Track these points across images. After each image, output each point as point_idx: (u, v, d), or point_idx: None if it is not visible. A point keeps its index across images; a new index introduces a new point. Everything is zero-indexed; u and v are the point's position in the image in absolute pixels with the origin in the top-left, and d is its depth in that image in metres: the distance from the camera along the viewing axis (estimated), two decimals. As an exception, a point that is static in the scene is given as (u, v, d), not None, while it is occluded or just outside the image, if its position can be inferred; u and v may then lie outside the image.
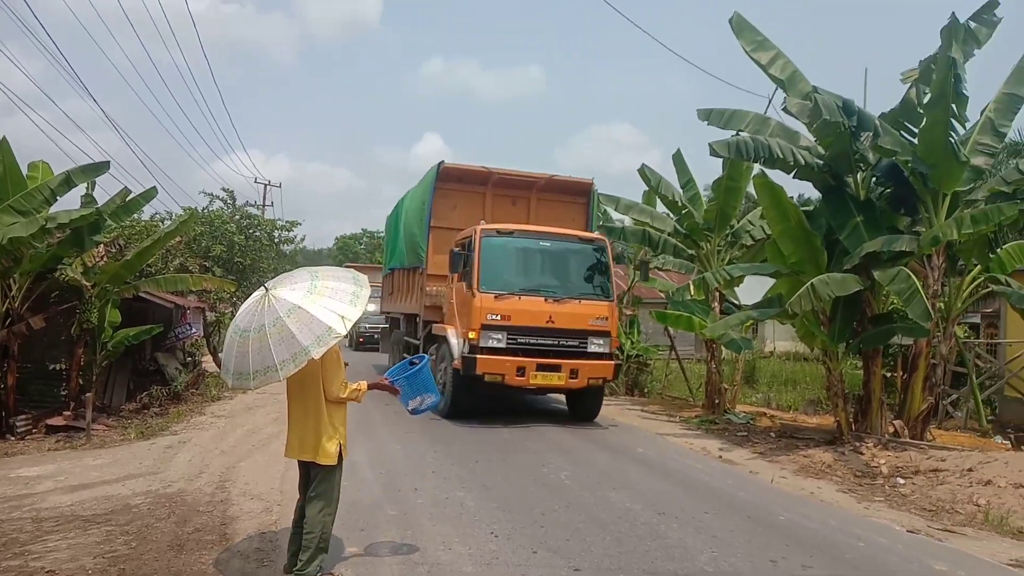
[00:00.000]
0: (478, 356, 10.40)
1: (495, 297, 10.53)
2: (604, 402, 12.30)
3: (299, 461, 4.72)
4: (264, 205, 37.71)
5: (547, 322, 10.62)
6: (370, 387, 4.81)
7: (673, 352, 18.09)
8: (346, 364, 5.18)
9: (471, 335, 10.46)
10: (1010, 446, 10.73)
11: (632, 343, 17.55)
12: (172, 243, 15.06)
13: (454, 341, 11.01)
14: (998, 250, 10.40)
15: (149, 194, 11.82)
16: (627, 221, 16.96)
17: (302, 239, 39.84)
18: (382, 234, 57.06)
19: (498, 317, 10.46)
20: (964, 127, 10.03)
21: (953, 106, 9.36)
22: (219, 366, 15.94)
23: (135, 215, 13.37)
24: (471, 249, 10.90)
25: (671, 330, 16.54)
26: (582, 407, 12.01)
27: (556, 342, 10.68)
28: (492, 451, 8.96)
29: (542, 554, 5.29)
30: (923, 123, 9.89)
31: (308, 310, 4.22)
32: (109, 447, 8.97)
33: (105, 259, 12.23)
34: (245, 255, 25.26)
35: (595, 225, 13.79)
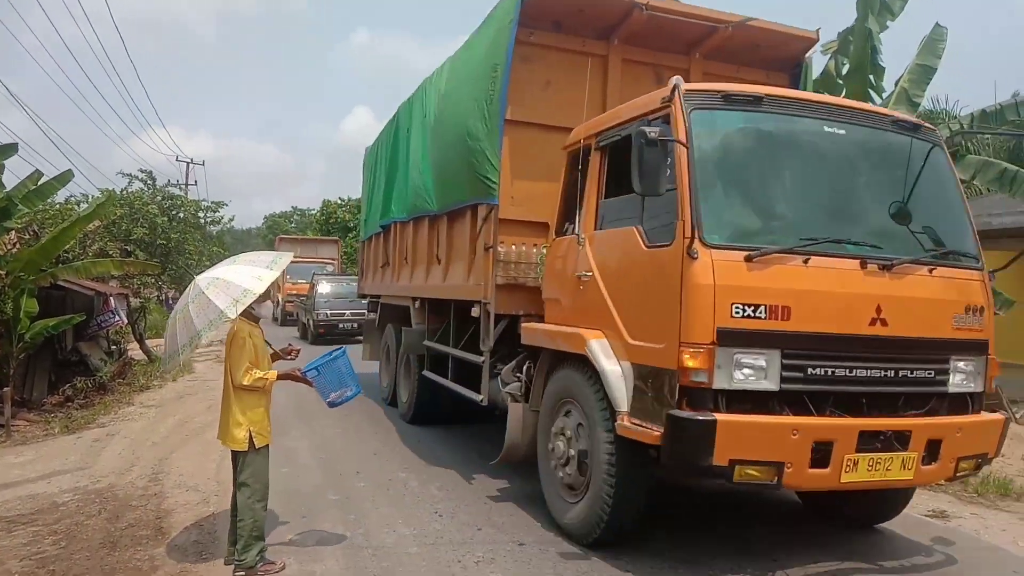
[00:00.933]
0: (718, 416, 4.11)
1: (747, 261, 4.28)
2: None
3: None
4: (187, 184, 36.41)
5: (872, 322, 4.42)
6: (280, 377, 4.74)
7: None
8: (286, 350, 5.07)
9: (688, 359, 4.19)
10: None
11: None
12: (90, 227, 14.37)
13: (612, 368, 4.76)
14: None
15: (64, 177, 11.24)
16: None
17: (231, 219, 38.73)
18: (313, 211, 55.74)
19: (761, 312, 4.23)
20: (881, 97, 10.41)
21: (871, 77, 9.71)
22: (147, 354, 15.51)
23: (49, 199, 12.72)
24: (663, 147, 4.33)
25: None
26: (870, 499, 5.45)
27: (890, 372, 4.49)
28: (435, 430, 8.94)
29: (486, 531, 5.34)
30: (842, 94, 10.22)
31: (225, 278, 4.52)
32: (31, 443, 8.58)
33: (18, 246, 11.60)
34: (169, 237, 24.31)
35: None
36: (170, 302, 25.48)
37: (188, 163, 38.91)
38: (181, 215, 26.36)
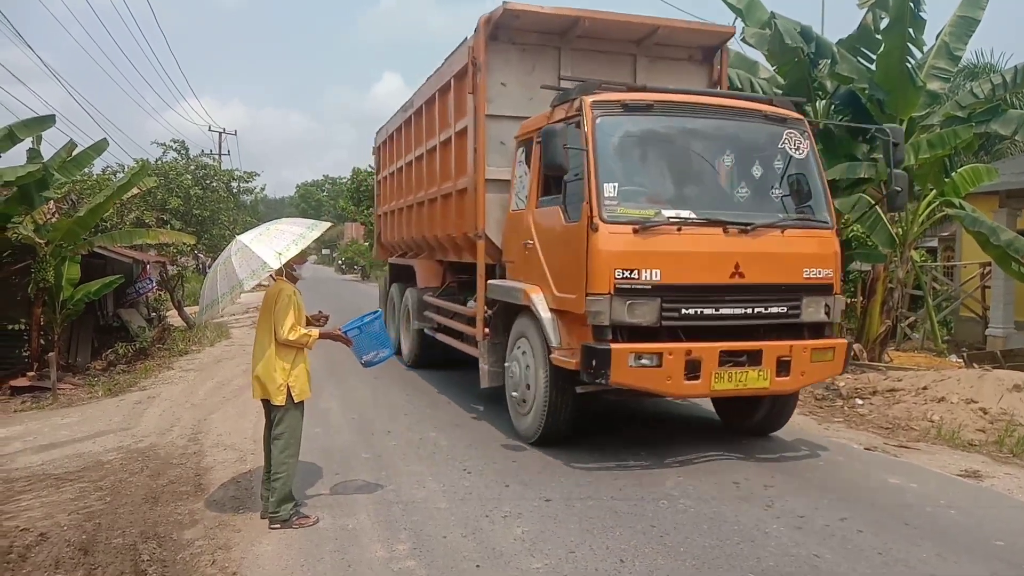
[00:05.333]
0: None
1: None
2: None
3: (262, 403, 4.83)
4: (220, 154, 36.82)
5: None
6: (322, 336, 4.85)
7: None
8: (316, 316, 5.15)
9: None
10: (963, 364, 11.14)
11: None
12: (128, 196, 14.66)
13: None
14: (952, 174, 10.59)
15: (100, 146, 11.47)
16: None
17: (262, 188, 39.16)
18: (344, 179, 55.61)
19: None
20: (921, 51, 10.07)
21: (910, 30, 9.38)
22: (185, 321, 15.87)
23: (86, 169, 12.97)
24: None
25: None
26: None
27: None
28: (463, 390, 9.05)
29: (514, 487, 5.42)
30: (880, 49, 9.91)
31: (251, 248, 4.56)
32: (77, 405, 8.90)
33: (57, 215, 11.89)
34: (204, 207, 24.66)
35: None
36: (207, 270, 25.94)
37: (220, 133, 39.32)
38: (214, 185, 26.69)
